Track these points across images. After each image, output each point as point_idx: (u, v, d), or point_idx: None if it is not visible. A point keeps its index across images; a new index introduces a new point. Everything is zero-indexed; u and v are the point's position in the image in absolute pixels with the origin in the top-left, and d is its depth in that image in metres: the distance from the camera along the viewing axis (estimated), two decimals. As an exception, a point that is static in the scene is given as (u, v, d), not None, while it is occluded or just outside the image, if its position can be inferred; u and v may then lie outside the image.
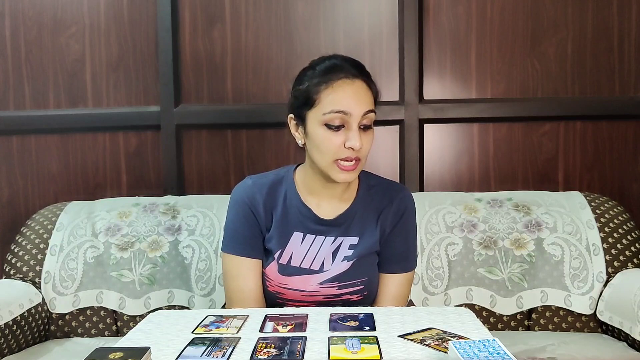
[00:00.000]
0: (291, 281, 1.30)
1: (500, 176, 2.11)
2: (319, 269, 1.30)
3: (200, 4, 2.14)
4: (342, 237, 1.31)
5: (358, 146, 1.19)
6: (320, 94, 1.22)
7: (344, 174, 1.22)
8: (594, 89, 2.08)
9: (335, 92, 1.21)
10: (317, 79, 1.23)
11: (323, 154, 1.22)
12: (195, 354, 0.94)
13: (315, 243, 1.31)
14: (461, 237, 1.79)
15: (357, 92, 1.22)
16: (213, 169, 2.18)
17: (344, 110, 1.20)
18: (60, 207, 1.96)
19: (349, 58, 1.28)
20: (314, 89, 1.23)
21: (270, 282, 1.31)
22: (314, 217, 1.31)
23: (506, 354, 0.82)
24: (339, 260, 1.31)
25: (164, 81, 2.13)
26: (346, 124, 1.21)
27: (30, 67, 2.19)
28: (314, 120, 1.23)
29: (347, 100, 1.21)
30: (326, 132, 1.21)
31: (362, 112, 1.21)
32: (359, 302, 1.32)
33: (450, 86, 2.11)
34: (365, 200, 1.34)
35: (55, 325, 1.80)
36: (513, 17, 2.08)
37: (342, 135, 1.21)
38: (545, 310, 1.74)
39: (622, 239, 1.76)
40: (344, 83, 1.22)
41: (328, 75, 1.23)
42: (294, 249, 1.31)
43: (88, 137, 2.19)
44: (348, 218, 1.32)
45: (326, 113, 1.21)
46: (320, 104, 1.22)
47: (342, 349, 0.94)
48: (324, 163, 1.23)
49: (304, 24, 2.13)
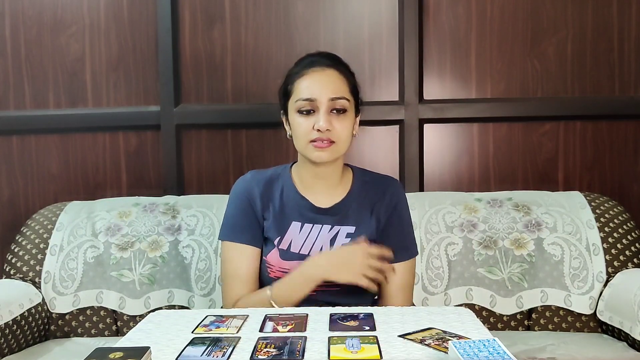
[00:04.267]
0: (292, 265, 1.33)
1: (500, 176, 2.11)
2: None
3: (200, 4, 2.14)
4: (339, 226, 1.37)
5: (324, 127, 1.28)
6: (294, 84, 1.34)
7: (317, 151, 1.30)
8: (594, 89, 2.08)
9: (305, 80, 1.32)
10: (294, 72, 1.35)
11: (298, 138, 1.32)
12: (195, 354, 0.94)
13: (313, 231, 1.36)
14: (461, 237, 1.79)
15: (324, 80, 1.31)
16: (213, 169, 2.18)
17: (310, 97, 1.30)
18: (60, 207, 1.96)
19: (327, 53, 1.39)
20: (290, 80, 1.35)
21: (272, 268, 1.35)
22: (310, 206, 1.37)
23: (506, 354, 0.82)
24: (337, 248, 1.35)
25: (164, 81, 2.13)
26: (315, 109, 1.30)
27: (30, 66, 2.19)
28: (291, 109, 1.34)
29: (314, 87, 1.30)
30: (299, 117, 1.32)
31: (328, 98, 1.29)
32: (357, 287, 1.31)
33: (450, 86, 2.11)
34: (360, 194, 1.40)
35: (55, 325, 1.80)
36: (513, 17, 2.08)
37: (312, 119, 1.30)
38: (545, 310, 1.74)
39: (622, 239, 1.76)
40: (314, 72, 1.32)
41: (303, 67, 1.34)
42: (292, 237, 1.36)
43: (88, 137, 2.19)
44: (344, 208, 1.38)
45: (297, 100, 1.31)
46: (294, 93, 1.33)
47: (342, 348, 0.94)
48: (301, 146, 1.33)
49: (304, 23, 2.13)
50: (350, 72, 1.37)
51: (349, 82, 1.35)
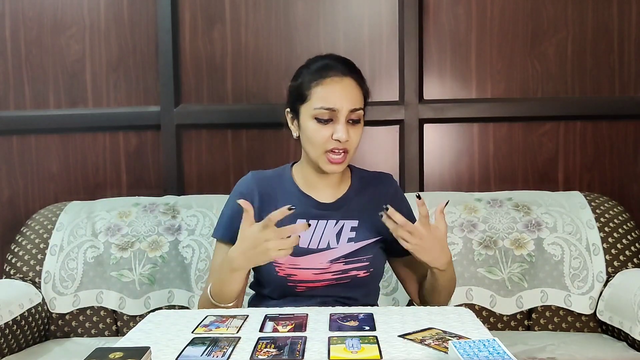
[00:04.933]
0: (302, 261, 1.33)
1: (500, 176, 2.11)
2: (326, 247, 1.35)
3: (200, 5, 2.14)
4: (343, 220, 1.37)
5: (344, 138, 1.28)
6: (311, 90, 1.31)
7: (332, 166, 1.31)
8: (594, 89, 2.08)
9: (325, 89, 1.30)
10: (309, 76, 1.33)
11: (313, 145, 1.31)
12: (195, 354, 0.94)
13: (318, 226, 1.36)
14: (461, 237, 1.79)
15: (344, 90, 1.30)
16: (213, 169, 2.18)
17: (332, 107, 1.29)
18: (60, 207, 1.96)
19: (341, 57, 1.37)
20: (306, 85, 1.32)
21: (280, 266, 1.33)
22: (313, 203, 1.38)
23: (506, 354, 0.82)
24: (344, 242, 1.36)
25: (164, 81, 2.13)
26: (334, 118, 1.30)
27: (31, 67, 2.19)
28: (305, 114, 1.32)
29: (335, 97, 1.29)
30: (316, 125, 1.30)
31: (348, 109, 1.29)
32: (365, 278, 1.34)
33: (450, 86, 2.11)
34: (359, 189, 1.42)
35: (55, 325, 1.80)
36: (513, 17, 2.08)
37: (330, 128, 1.30)
38: (545, 310, 1.74)
39: (622, 238, 1.76)
40: (333, 81, 1.30)
41: (319, 72, 1.32)
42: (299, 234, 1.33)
43: (88, 137, 2.19)
44: (346, 201, 1.40)
45: (316, 108, 1.29)
46: (311, 100, 1.31)
47: (342, 348, 0.94)
48: (314, 154, 1.32)
49: (304, 24, 2.13)
50: (363, 79, 1.37)
51: (364, 91, 1.35)
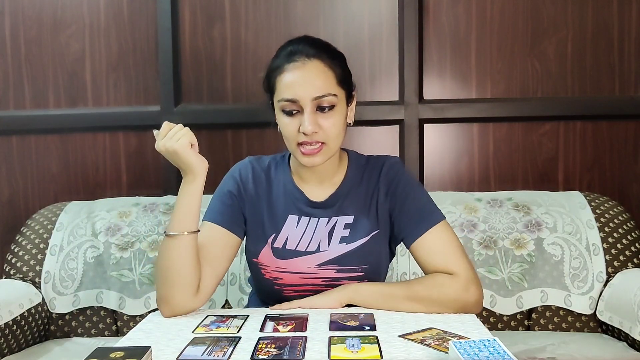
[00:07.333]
0: (289, 264, 1.27)
1: (500, 176, 2.11)
2: (315, 249, 1.28)
3: (200, 3, 2.14)
4: (337, 217, 1.29)
5: (310, 130, 1.17)
6: (275, 80, 1.21)
7: (306, 157, 1.21)
8: (594, 89, 2.08)
9: (286, 78, 1.19)
10: (274, 65, 1.23)
11: (286, 139, 1.23)
12: (195, 354, 0.94)
13: (310, 225, 1.29)
14: (461, 237, 1.79)
15: (306, 76, 1.18)
16: (213, 169, 2.12)
17: (291, 98, 1.18)
18: (60, 207, 1.96)
19: (310, 38, 1.24)
20: (272, 75, 1.23)
21: (266, 269, 1.28)
22: (305, 200, 1.30)
23: (506, 354, 0.82)
24: (336, 242, 1.28)
25: (164, 80, 2.13)
26: (300, 109, 1.19)
27: (30, 66, 2.19)
28: (276, 107, 1.23)
29: (295, 86, 1.18)
30: (285, 118, 1.21)
31: (311, 97, 1.17)
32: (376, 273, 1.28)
33: (450, 86, 2.11)
34: (355, 181, 1.32)
35: (55, 325, 1.80)
36: (513, 17, 2.08)
37: (298, 120, 1.20)
38: (545, 310, 1.74)
39: (622, 239, 1.76)
40: (295, 67, 1.19)
41: (283, 59, 1.21)
42: (289, 233, 1.29)
43: (88, 137, 2.19)
44: (339, 198, 1.30)
45: (279, 100, 1.20)
46: (277, 91, 1.21)
47: (343, 348, 0.94)
48: (290, 148, 1.25)
49: (304, 23, 2.12)
50: (336, 57, 1.23)
51: (335, 73, 1.21)
